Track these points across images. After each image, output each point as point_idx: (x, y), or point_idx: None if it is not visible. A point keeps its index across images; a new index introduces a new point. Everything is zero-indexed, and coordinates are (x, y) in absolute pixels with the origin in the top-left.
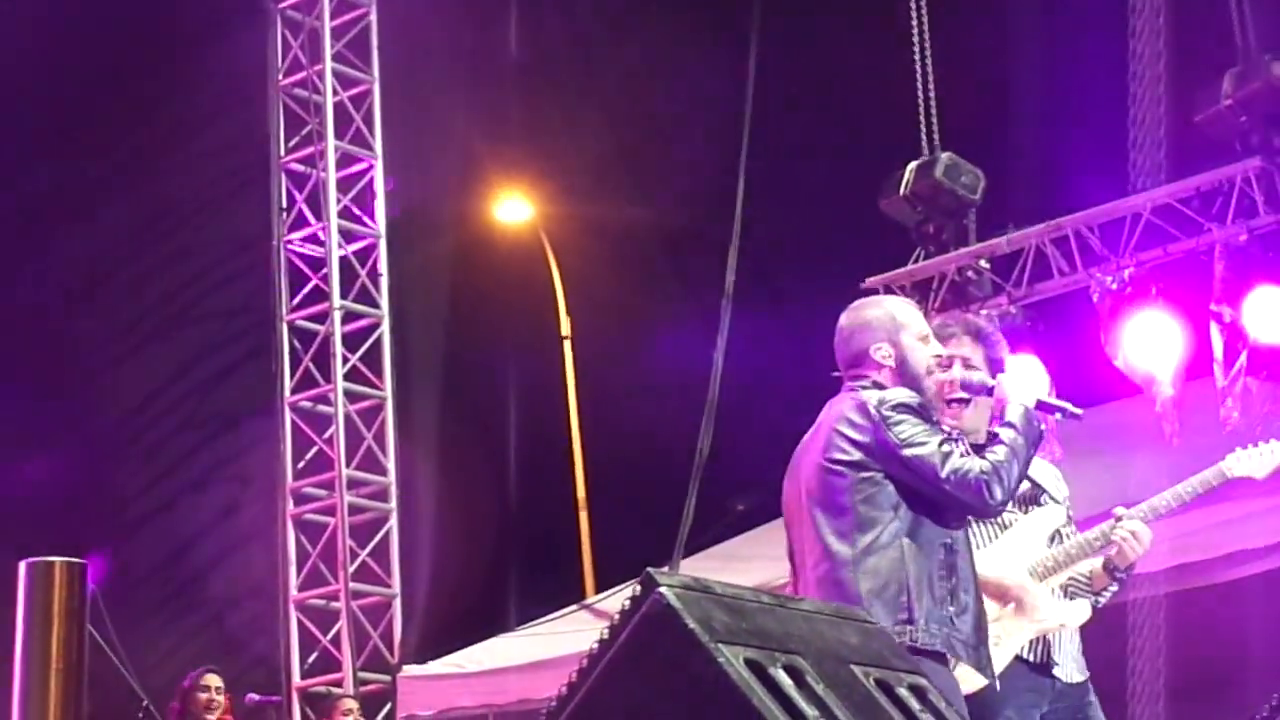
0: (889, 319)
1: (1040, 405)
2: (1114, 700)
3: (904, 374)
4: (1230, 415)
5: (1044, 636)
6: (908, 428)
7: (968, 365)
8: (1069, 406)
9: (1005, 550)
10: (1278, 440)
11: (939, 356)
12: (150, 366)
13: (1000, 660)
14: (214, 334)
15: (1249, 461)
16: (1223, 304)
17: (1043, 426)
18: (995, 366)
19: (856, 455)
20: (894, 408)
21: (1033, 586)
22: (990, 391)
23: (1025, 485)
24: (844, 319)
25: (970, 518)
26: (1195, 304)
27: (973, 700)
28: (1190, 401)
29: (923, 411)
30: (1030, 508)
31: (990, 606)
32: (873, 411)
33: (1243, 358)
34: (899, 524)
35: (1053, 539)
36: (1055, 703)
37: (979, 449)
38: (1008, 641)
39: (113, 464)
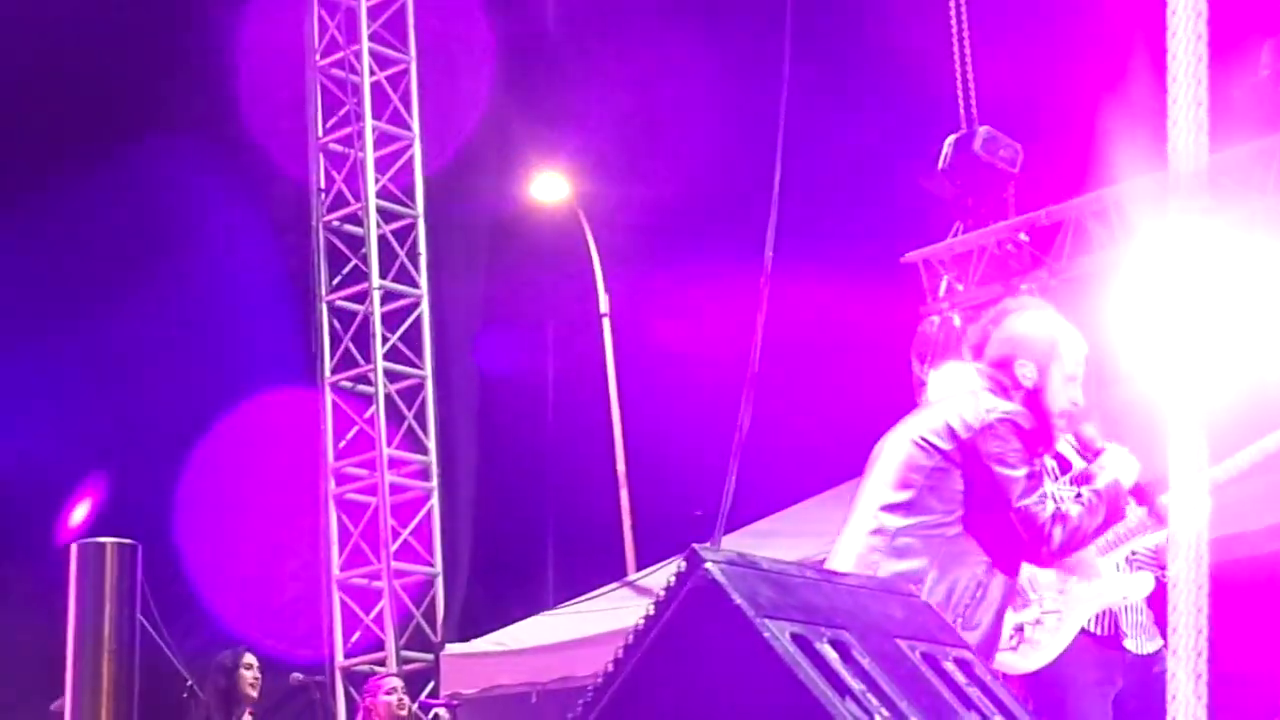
0: (1049, 345)
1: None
2: None
3: (1036, 403)
4: None
5: (1109, 610)
6: (1006, 445)
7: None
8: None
9: None
10: None
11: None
12: (192, 349)
13: (1064, 637)
14: (255, 315)
15: None
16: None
17: (1125, 512)
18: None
19: (949, 445)
20: (1003, 420)
21: (1094, 560)
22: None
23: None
24: (1013, 315)
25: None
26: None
27: (1039, 675)
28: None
29: (1027, 436)
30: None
31: (1052, 581)
32: (984, 414)
33: None
34: (950, 524)
35: None
36: (1129, 675)
37: None
38: (1070, 618)
39: (160, 445)
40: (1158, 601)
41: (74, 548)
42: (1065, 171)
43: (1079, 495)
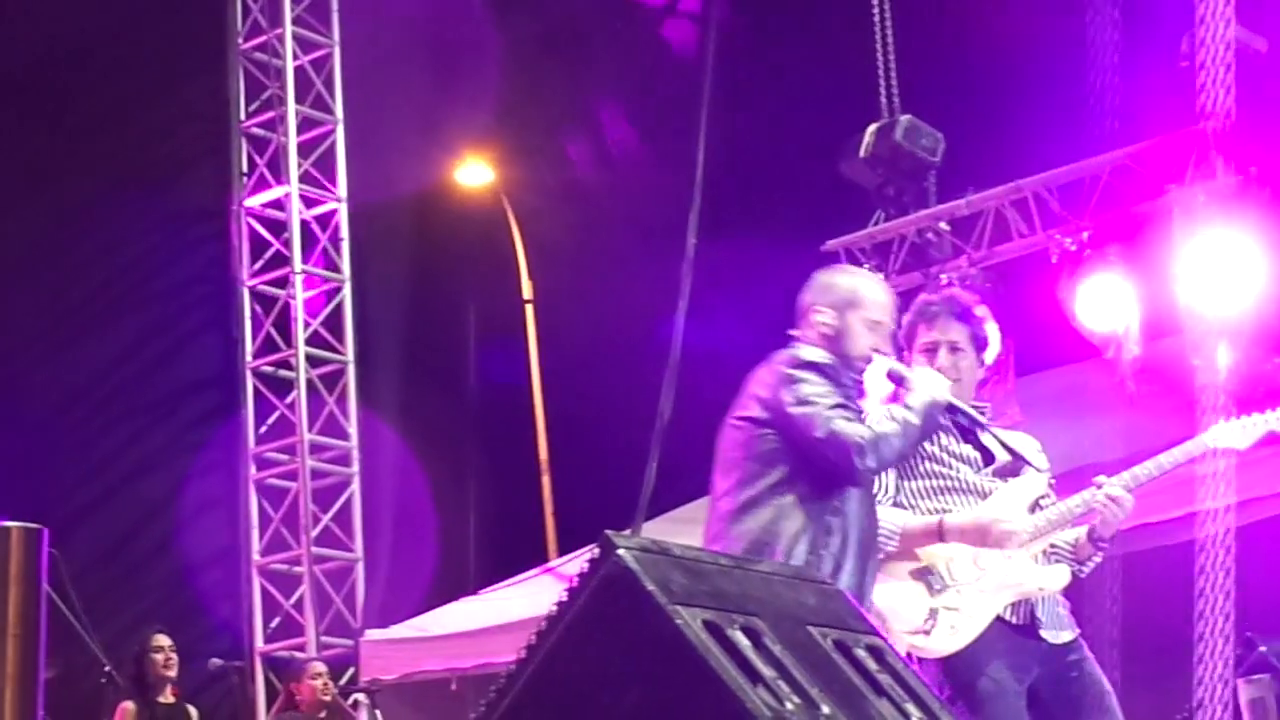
0: (849, 292)
1: (950, 406)
2: None
3: (835, 348)
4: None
5: (1026, 600)
6: (804, 386)
7: (954, 349)
8: (974, 414)
9: (985, 509)
10: (1259, 413)
11: (928, 343)
12: (113, 333)
13: (980, 622)
14: (175, 301)
15: (1231, 434)
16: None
17: (946, 421)
18: (980, 344)
19: (757, 411)
20: (798, 365)
21: (1012, 552)
22: (902, 382)
23: (1006, 458)
24: (817, 274)
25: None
26: (1156, 264)
27: (953, 660)
28: (1152, 361)
29: (829, 372)
30: (1010, 479)
31: (969, 570)
32: (777, 368)
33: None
34: (780, 481)
35: (1033, 507)
36: (1044, 664)
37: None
38: (986, 605)
39: (75, 432)
40: (1074, 594)
41: None
42: (985, 161)
43: (889, 414)
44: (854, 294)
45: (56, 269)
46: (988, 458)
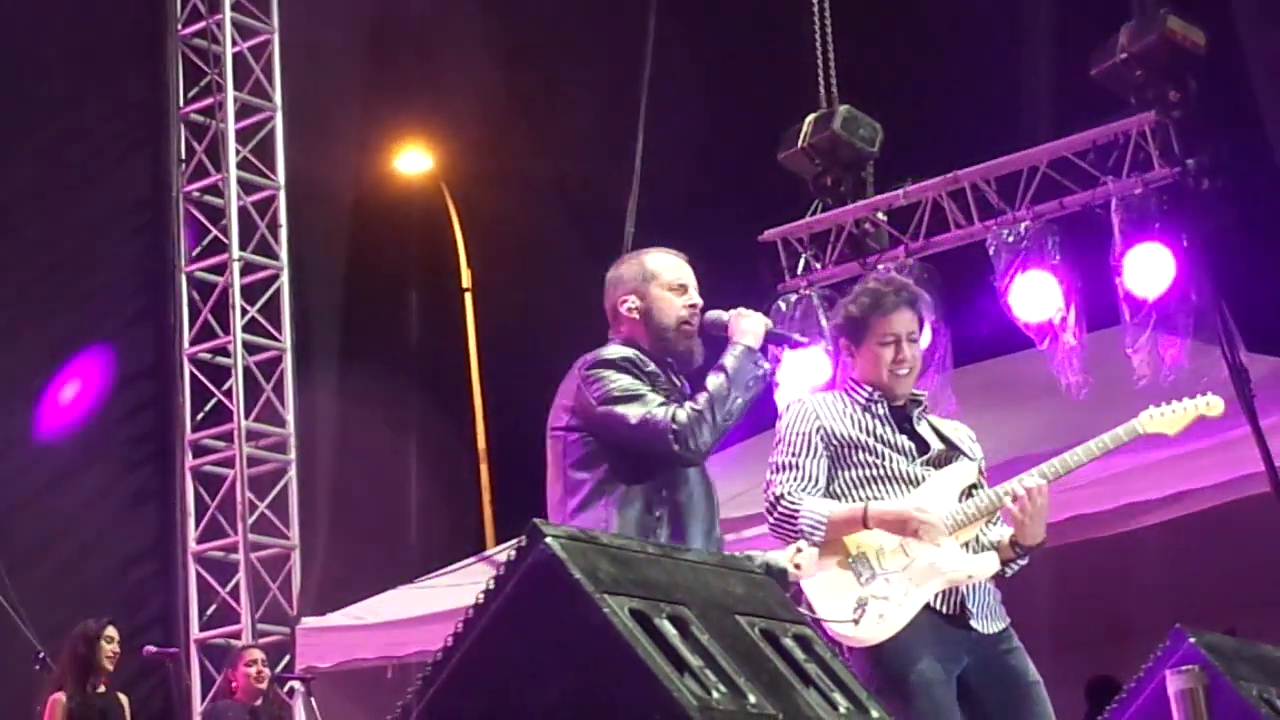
0: (639, 269)
1: (770, 337)
2: None
3: (650, 326)
4: (1141, 368)
5: (956, 588)
6: (606, 383)
7: (911, 339)
8: (795, 336)
9: (914, 503)
10: (1190, 399)
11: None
12: (51, 320)
13: (908, 611)
14: (112, 288)
15: (1161, 419)
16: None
17: (764, 366)
18: (923, 326)
19: (567, 419)
20: (594, 365)
21: (937, 519)
22: (724, 329)
23: (940, 447)
24: (607, 276)
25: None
26: (1093, 256)
27: (882, 650)
28: (1088, 353)
29: (629, 366)
30: (943, 466)
31: (897, 559)
32: (578, 373)
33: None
34: (603, 480)
35: (964, 494)
36: (974, 653)
37: (897, 410)
38: (915, 593)
39: (12, 421)
40: (1004, 583)
41: None
42: (923, 151)
43: (705, 386)
44: (643, 268)
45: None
46: (922, 447)
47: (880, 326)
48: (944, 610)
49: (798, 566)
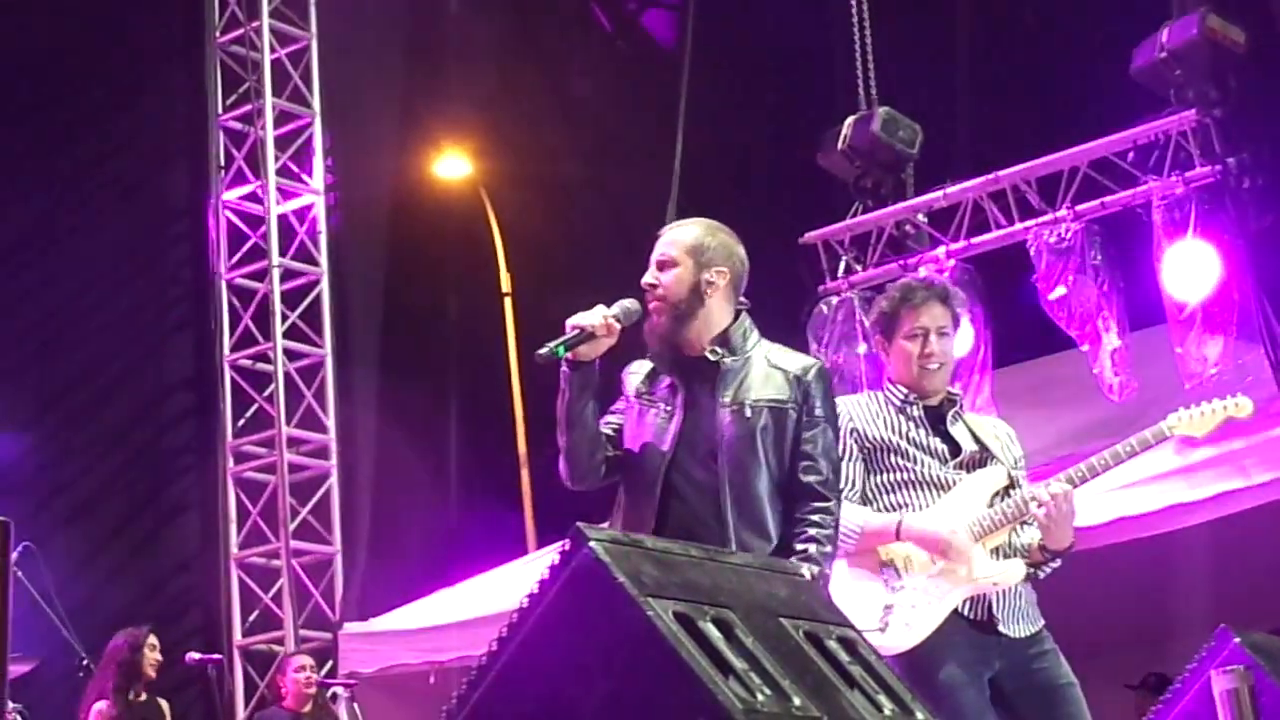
0: None
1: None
2: None
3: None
4: (1188, 368)
5: (984, 595)
6: None
7: (942, 333)
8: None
9: (945, 510)
10: (1218, 399)
11: (917, 329)
12: (88, 323)
13: (935, 618)
14: (151, 296)
15: (1189, 421)
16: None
17: (564, 374)
18: (956, 324)
19: None
20: None
21: (968, 546)
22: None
23: (972, 449)
24: None
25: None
26: (1134, 256)
27: (910, 656)
28: (1130, 353)
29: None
30: (977, 470)
31: (925, 567)
32: None
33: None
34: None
35: (995, 499)
36: (1005, 658)
37: (932, 411)
38: (942, 601)
39: (58, 432)
40: (1047, 586)
41: None
42: (963, 152)
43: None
44: None
45: (33, 268)
46: (954, 450)
47: (909, 320)
48: (971, 616)
49: None
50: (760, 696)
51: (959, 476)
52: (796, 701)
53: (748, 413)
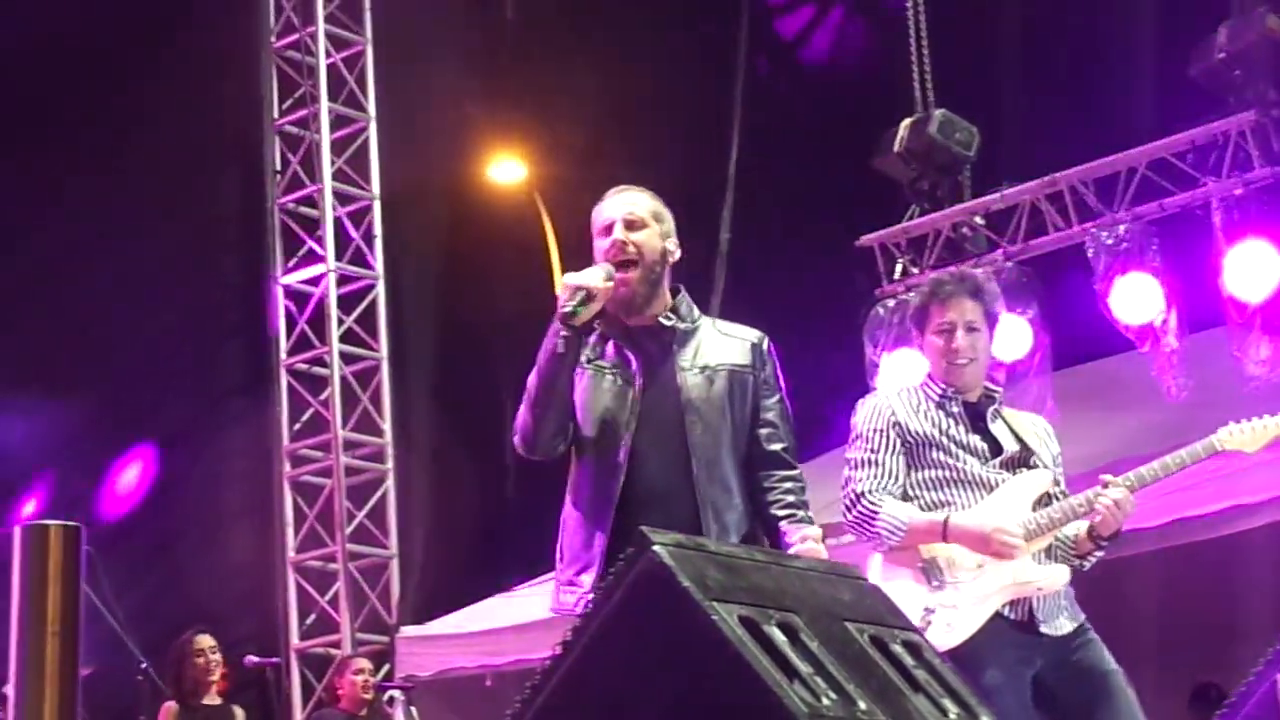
0: (591, 222)
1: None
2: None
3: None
4: (1247, 370)
5: (1025, 597)
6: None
7: (970, 328)
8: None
9: (989, 511)
10: (1269, 415)
11: (945, 324)
12: (144, 328)
13: (976, 620)
14: (208, 301)
15: (1240, 436)
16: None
17: (559, 342)
18: (994, 321)
19: None
20: None
21: (1011, 538)
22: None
23: (1014, 449)
24: None
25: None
26: (1194, 257)
27: (951, 657)
28: (1190, 356)
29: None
30: (1020, 470)
31: (968, 568)
32: None
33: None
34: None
35: (1039, 502)
36: (1047, 655)
37: (971, 407)
38: (984, 603)
39: (111, 430)
40: (1107, 589)
41: (17, 531)
42: (1020, 154)
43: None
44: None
45: (89, 273)
46: (995, 449)
47: (937, 314)
48: (1013, 617)
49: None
50: (825, 700)
51: (1002, 476)
52: (862, 705)
53: (711, 376)
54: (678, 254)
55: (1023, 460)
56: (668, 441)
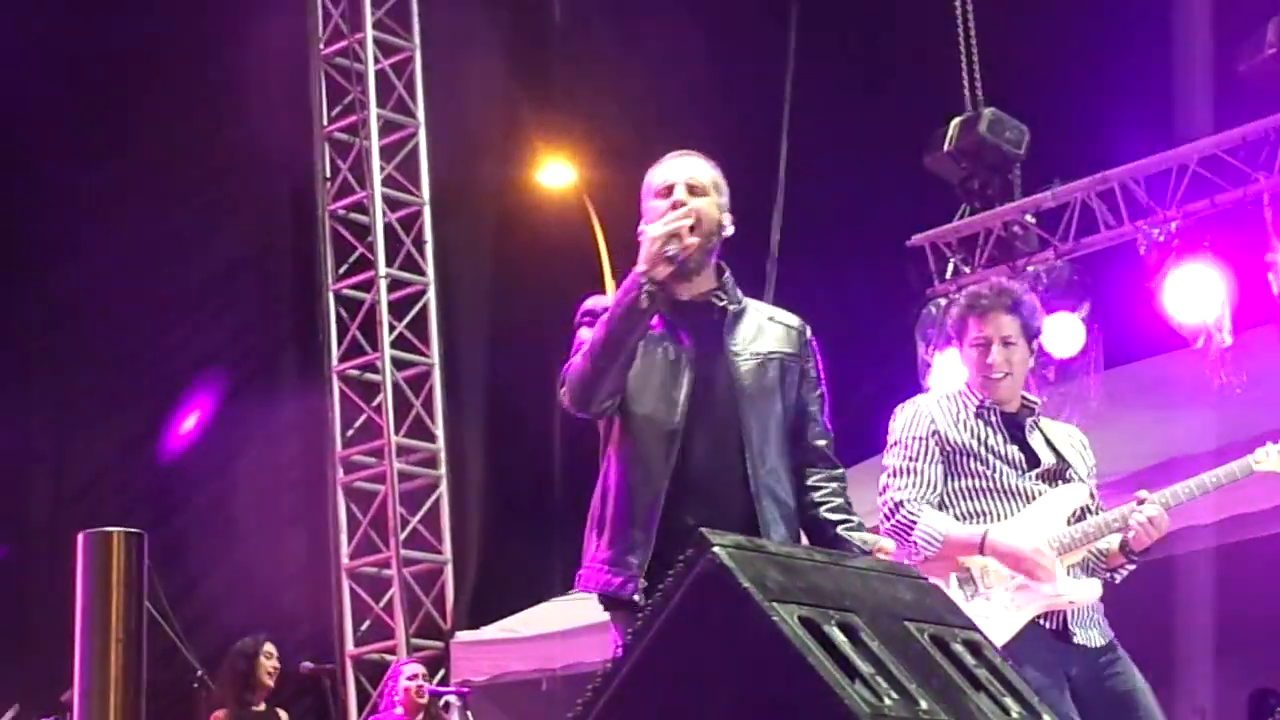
0: (645, 183)
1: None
2: (1161, 656)
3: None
4: None
5: (1058, 610)
6: (576, 340)
7: (1007, 343)
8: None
9: (1026, 523)
10: None
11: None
12: (199, 337)
13: (1009, 630)
14: (259, 308)
15: (1276, 458)
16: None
17: (642, 303)
18: (1032, 334)
19: None
20: (574, 325)
21: (1052, 565)
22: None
23: (1051, 461)
24: None
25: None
26: (1246, 254)
27: None
28: (1243, 352)
29: (590, 318)
30: (1057, 482)
31: (1002, 579)
32: None
33: None
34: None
35: (1074, 517)
36: (1081, 665)
37: (1009, 418)
38: (1017, 614)
39: (162, 437)
40: (1165, 588)
41: (80, 537)
42: (1071, 152)
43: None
44: (646, 181)
45: (143, 286)
46: (1032, 460)
47: (973, 328)
48: (1047, 626)
49: None
50: (887, 700)
51: (1039, 488)
52: (923, 705)
53: (763, 363)
54: (731, 229)
55: (1059, 473)
56: (721, 426)
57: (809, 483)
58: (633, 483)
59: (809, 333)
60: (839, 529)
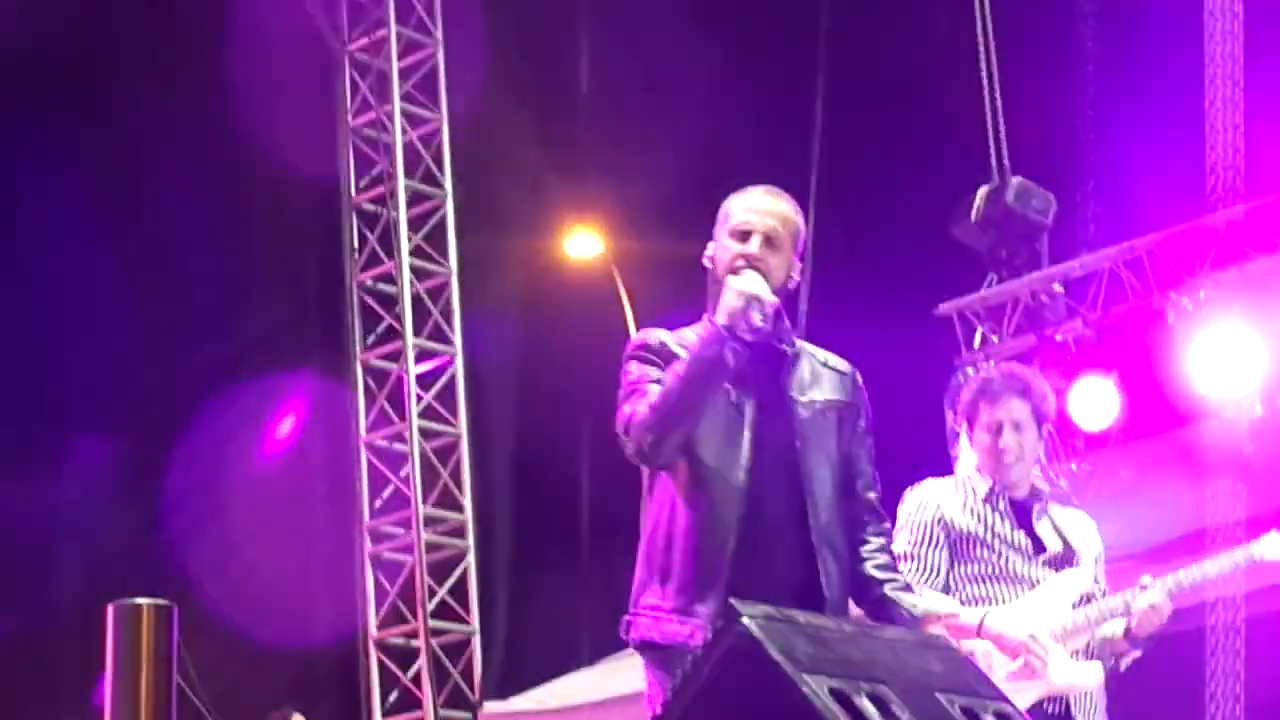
0: (722, 214)
1: (741, 317)
2: None
3: (715, 280)
4: None
5: (1060, 695)
6: (624, 380)
7: (1017, 427)
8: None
9: (1026, 610)
10: None
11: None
12: (229, 406)
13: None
14: (289, 376)
15: (1278, 546)
16: None
17: (727, 357)
18: (1042, 419)
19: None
20: (623, 360)
21: (1049, 648)
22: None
23: (1058, 548)
24: None
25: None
26: (1276, 322)
27: None
28: (1271, 422)
29: (639, 352)
30: (1063, 568)
31: (1005, 663)
32: None
33: None
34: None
35: (1078, 602)
36: None
37: (1018, 505)
38: (1018, 697)
39: (189, 508)
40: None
41: (110, 608)
42: (1098, 221)
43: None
44: (724, 212)
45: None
46: (1039, 547)
47: (985, 411)
48: (1050, 710)
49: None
50: None
51: (1044, 574)
52: None
53: (824, 410)
54: (797, 280)
55: (1066, 559)
56: (783, 473)
57: (858, 536)
58: (701, 531)
59: (859, 378)
60: (885, 588)
